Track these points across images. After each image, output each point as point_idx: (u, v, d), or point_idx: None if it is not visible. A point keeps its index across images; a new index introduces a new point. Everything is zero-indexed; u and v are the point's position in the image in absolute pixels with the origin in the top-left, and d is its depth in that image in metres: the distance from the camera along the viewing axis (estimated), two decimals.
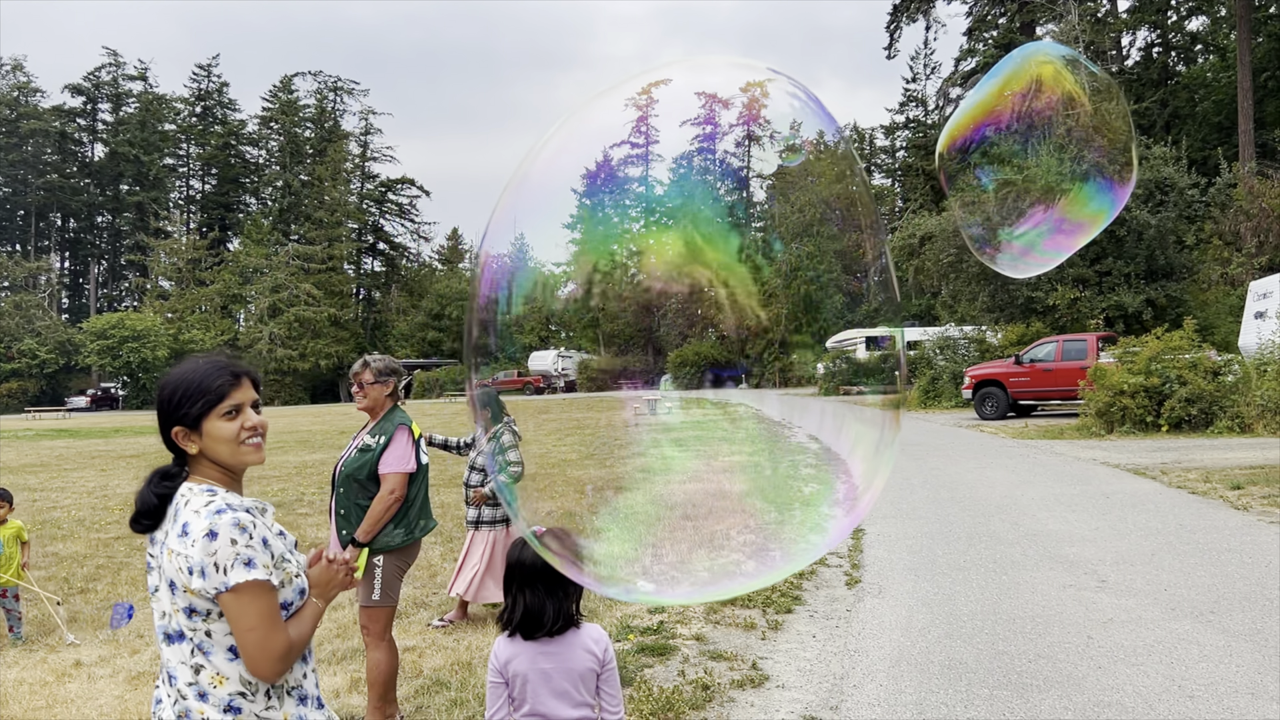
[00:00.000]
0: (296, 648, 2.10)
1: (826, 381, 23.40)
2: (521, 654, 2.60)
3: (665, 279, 3.37)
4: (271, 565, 2.08)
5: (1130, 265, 31.71)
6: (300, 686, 2.18)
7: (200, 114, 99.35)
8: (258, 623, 2.04)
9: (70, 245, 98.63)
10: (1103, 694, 4.83)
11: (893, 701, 4.88)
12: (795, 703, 4.91)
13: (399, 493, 4.72)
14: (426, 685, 5.37)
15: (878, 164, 78.17)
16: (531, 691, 2.58)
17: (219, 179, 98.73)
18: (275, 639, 2.05)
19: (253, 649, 2.04)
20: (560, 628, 2.60)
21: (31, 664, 6.26)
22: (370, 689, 4.71)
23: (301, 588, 2.18)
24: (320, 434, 29.84)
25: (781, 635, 6.15)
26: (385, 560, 4.71)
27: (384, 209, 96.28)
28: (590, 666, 2.61)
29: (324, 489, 15.13)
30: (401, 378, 5.17)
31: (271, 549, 2.10)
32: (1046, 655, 5.48)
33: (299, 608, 2.17)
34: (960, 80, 54.94)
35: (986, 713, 4.67)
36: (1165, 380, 19.54)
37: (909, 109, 74.29)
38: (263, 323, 79.12)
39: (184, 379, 2.18)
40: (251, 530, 2.07)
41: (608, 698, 2.65)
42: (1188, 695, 4.78)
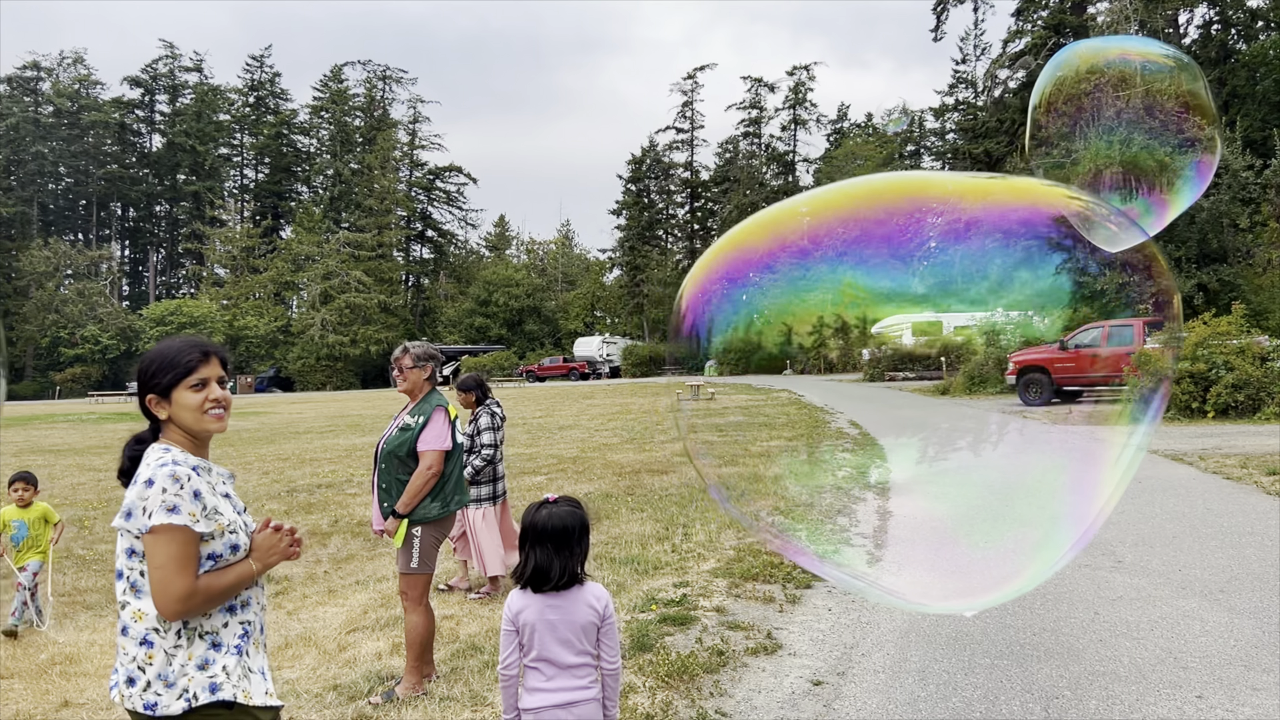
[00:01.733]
0: (201, 594, 2.34)
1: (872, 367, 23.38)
2: (531, 606, 2.93)
3: None
4: (199, 515, 2.36)
5: (1182, 249, 31.23)
6: (217, 634, 2.42)
7: (253, 104, 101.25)
8: (165, 563, 2.30)
9: (130, 234, 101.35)
10: (1099, 664, 5.06)
11: (897, 669, 5.16)
12: (804, 669, 5.22)
13: (436, 468, 5.10)
14: (462, 649, 5.75)
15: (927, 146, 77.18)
16: (539, 639, 2.91)
17: (271, 168, 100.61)
18: (179, 582, 2.30)
19: (156, 586, 2.32)
20: (565, 583, 2.92)
21: (103, 626, 6.79)
22: (408, 650, 5.10)
23: (234, 544, 2.44)
24: (370, 418, 30.59)
25: (798, 608, 6.45)
26: (423, 531, 5.09)
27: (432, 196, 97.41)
28: (591, 620, 2.93)
29: (372, 470, 15.67)
30: (439, 362, 5.56)
31: (203, 502, 2.38)
32: (1051, 629, 5.71)
33: (228, 563, 2.43)
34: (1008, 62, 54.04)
35: (985, 680, 4.93)
36: (1212, 366, 19.35)
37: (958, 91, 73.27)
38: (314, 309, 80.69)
39: (160, 354, 2.53)
40: (184, 482, 2.36)
41: (606, 648, 2.97)
42: (1181, 666, 4.99)
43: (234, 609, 2.47)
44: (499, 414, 7.44)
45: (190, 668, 2.36)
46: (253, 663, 2.48)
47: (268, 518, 2.63)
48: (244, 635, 2.47)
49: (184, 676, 2.34)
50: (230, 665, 2.40)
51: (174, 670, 2.35)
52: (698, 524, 9.51)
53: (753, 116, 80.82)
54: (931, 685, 4.90)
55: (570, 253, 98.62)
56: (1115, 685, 4.77)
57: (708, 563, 7.76)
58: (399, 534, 5.09)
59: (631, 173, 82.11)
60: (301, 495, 13.24)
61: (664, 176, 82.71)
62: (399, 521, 5.09)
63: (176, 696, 2.32)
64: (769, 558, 7.74)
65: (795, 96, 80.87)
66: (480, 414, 7.37)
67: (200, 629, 2.40)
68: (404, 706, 4.81)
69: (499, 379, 60.81)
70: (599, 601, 2.96)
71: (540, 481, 13.43)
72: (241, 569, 2.45)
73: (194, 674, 2.35)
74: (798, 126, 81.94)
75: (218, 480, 2.53)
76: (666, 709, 4.56)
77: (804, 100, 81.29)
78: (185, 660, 2.36)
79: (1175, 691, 4.65)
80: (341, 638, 6.18)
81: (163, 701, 2.32)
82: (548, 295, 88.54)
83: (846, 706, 4.66)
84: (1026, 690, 4.75)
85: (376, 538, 8.76)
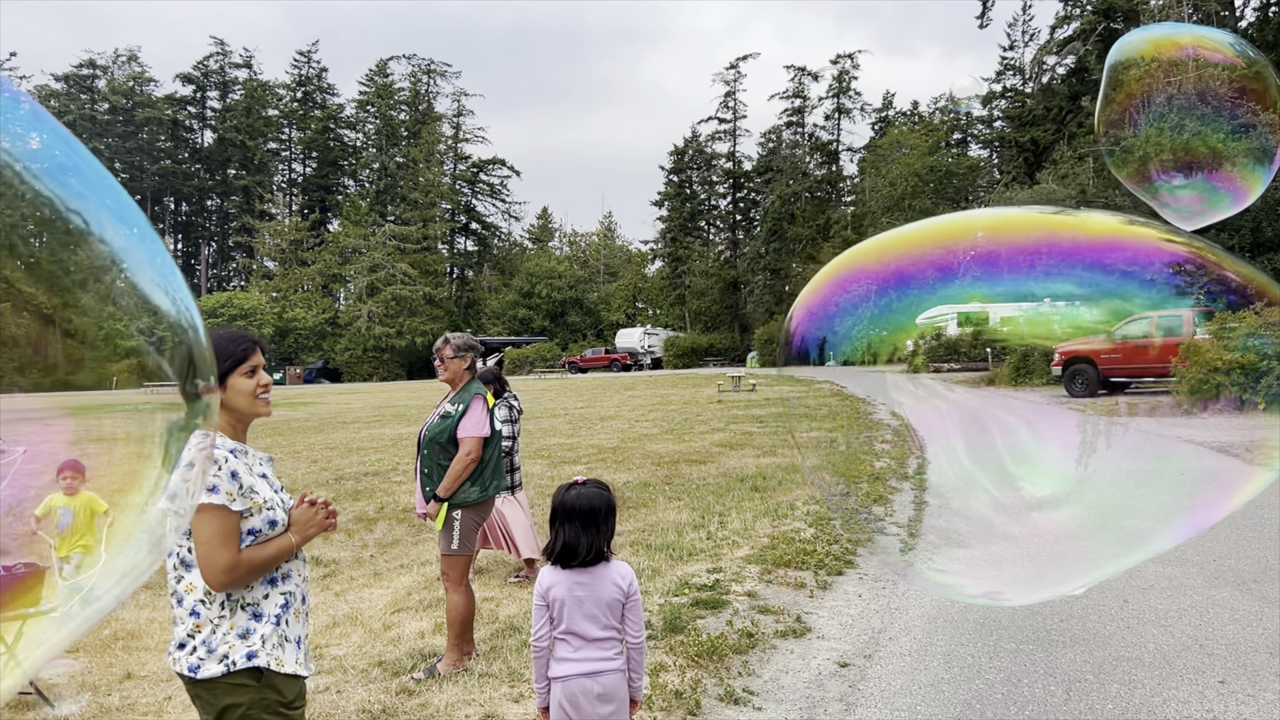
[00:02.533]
0: (244, 567, 2.54)
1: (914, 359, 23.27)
2: (560, 582, 3.11)
3: None
4: (235, 494, 2.57)
5: (1235, 237, 30.57)
6: (257, 605, 2.62)
7: (301, 99, 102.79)
8: (208, 539, 2.51)
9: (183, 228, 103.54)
10: (1124, 650, 5.13)
11: (923, 652, 5.27)
12: (832, 651, 5.35)
13: (475, 454, 5.31)
14: (501, 629, 5.97)
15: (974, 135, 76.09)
16: (567, 614, 3.09)
17: (319, 162, 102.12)
18: (222, 555, 2.51)
19: (202, 560, 2.53)
20: (591, 560, 3.09)
21: (161, 604, 7.12)
22: (449, 628, 5.32)
23: (271, 519, 2.64)
24: (415, 408, 31.10)
25: (829, 594, 6.57)
26: (462, 514, 5.30)
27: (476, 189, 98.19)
28: (616, 597, 3.10)
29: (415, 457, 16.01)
30: (479, 353, 5.77)
31: (240, 481, 2.59)
32: (1079, 616, 5.78)
33: (268, 537, 2.63)
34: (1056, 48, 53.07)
35: (1010, 664, 5.02)
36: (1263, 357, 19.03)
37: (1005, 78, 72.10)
38: (361, 301, 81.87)
39: (215, 342, 2.74)
40: (222, 464, 2.57)
41: (630, 624, 3.14)
42: (1207, 653, 5.04)
43: (275, 581, 2.67)
44: (516, 407, 7.64)
45: (232, 636, 2.56)
46: (290, 632, 2.67)
47: (304, 493, 2.83)
48: (284, 606, 2.67)
49: (225, 644, 2.55)
50: (268, 634, 2.60)
51: (217, 638, 2.56)
52: (733, 513, 9.65)
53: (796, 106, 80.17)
54: (955, 668, 5.00)
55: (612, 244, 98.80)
56: (1139, 670, 4.84)
57: (741, 549, 7.91)
58: (440, 517, 5.31)
59: (673, 163, 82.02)
60: (349, 483, 13.60)
61: (706, 167, 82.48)
62: (440, 505, 5.31)
63: (217, 661, 2.54)
64: (802, 545, 7.87)
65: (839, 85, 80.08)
66: (499, 407, 7.57)
67: (242, 600, 2.60)
68: (445, 682, 5.03)
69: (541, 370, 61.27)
70: (624, 579, 3.12)
71: (580, 470, 13.65)
72: (281, 542, 2.64)
73: (234, 642, 2.56)
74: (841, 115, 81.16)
75: (254, 462, 2.73)
76: (695, 686, 4.73)
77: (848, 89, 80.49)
78: (228, 630, 2.57)
79: (1198, 677, 4.71)
80: (386, 617, 6.43)
81: (205, 666, 2.54)
82: (590, 287, 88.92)
83: (871, 687, 4.79)
84: (1049, 674, 4.84)
85: (420, 523, 9.03)
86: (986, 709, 4.44)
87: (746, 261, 74.87)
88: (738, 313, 74.35)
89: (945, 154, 65.08)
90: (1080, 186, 33.13)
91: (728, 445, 16.15)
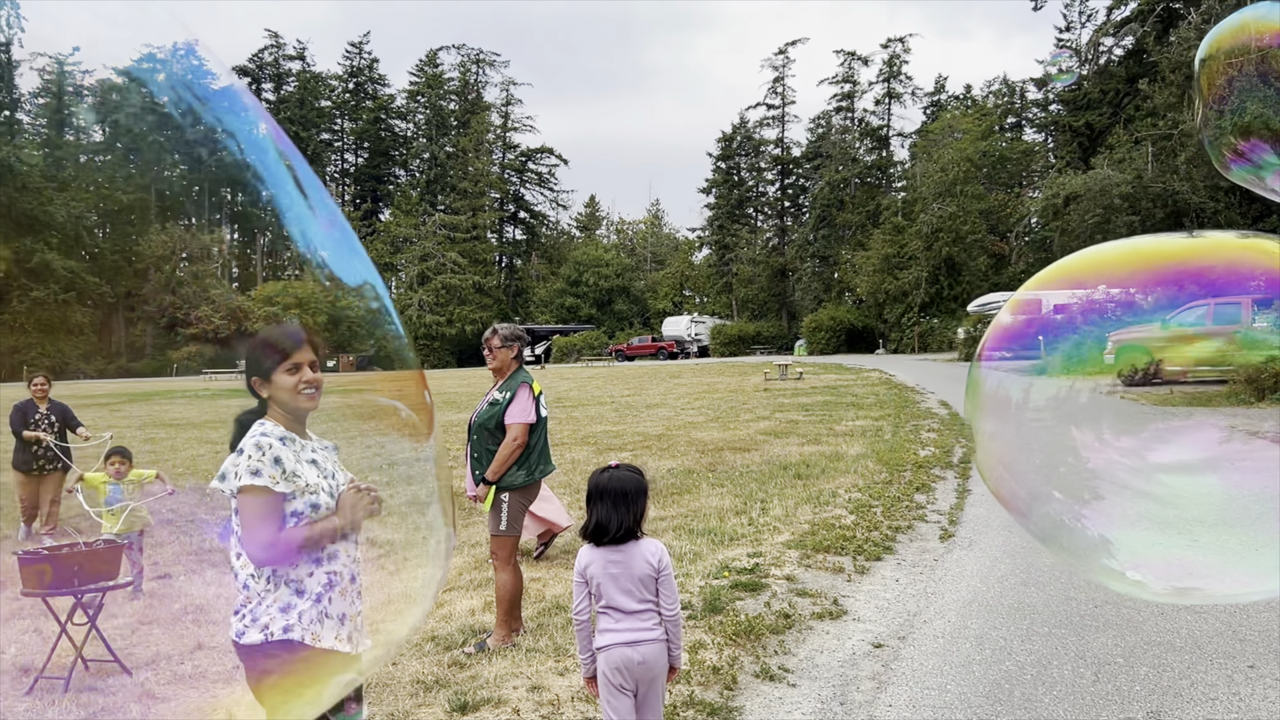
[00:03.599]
0: (281, 545, 2.74)
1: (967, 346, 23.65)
2: (596, 560, 3.34)
3: None
4: (278, 477, 2.78)
5: None
6: (300, 582, 2.81)
7: (353, 90, 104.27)
8: (250, 518, 2.74)
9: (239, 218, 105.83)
10: (1156, 635, 5.22)
11: (956, 635, 5.41)
12: (866, 633, 5.51)
13: (521, 440, 5.55)
14: (548, 608, 6.22)
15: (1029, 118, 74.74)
16: (605, 589, 3.31)
17: (370, 152, 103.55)
18: (260, 533, 2.72)
19: (244, 538, 2.76)
20: (622, 537, 3.31)
21: (227, 581, 7.49)
22: (498, 605, 5.58)
23: (314, 503, 2.83)
24: (465, 395, 31.61)
25: (867, 579, 6.72)
26: (510, 497, 5.55)
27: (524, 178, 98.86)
28: (648, 572, 3.31)
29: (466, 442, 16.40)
30: (525, 342, 6.01)
31: (283, 466, 2.79)
32: (1113, 602, 5.85)
33: (310, 520, 2.82)
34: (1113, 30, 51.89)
35: (1041, 647, 5.14)
36: None
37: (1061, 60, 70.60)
38: (412, 290, 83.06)
39: (261, 341, 2.98)
40: (266, 450, 2.79)
41: (664, 596, 3.35)
42: (1239, 639, 5.11)
43: (320, 561, 2.85)
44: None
45: (274, 609, 2.77)
46: (333, 609, 2.85)
47: (353, 479, 3.04)
48: (328, 585, 2.85)
49: (267, 615, 2.77)
50: (305, 609, 2.79)
51: (261, 609, 2.78)
52: (775, 499, 9.79)
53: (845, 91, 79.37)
54: (987, 650, 5.13)
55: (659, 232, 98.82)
56: (1169, 655, 4.93)
57: (782, 535, 8.07)
58: (488, 499, 5.56)
59: (721, 150, 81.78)
60: (401, 468, 13.99)
61: (754, 154, 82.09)
62: (489, 488, 5.56)
63: (259, 630, 2.77)
64: (842, 531, 8.00)
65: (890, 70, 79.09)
66: None
67: (286, 577, 2.80)
68: (494, 656, 5.29)
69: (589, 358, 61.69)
70: (654, 556, 3.34)
71: (625, 458, 13.88)
72: (324, 525, 2.83)
73: (275, 615, 2.77)
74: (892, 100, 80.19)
75: (305, 449, 2.94)
76: (732, 663, 4.92)
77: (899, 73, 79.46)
78: (271, 603, 2.78)
79: (1228, 661, 4.79)
80: (438, 595, 6.72)
81: (248, 634, 2.78)
82: (637, 275, 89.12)
83: (903, 666, 4.94)
84: (1080, 657, 4.95)
85: (470, 505, 9.32)
86: (1015, 689, 4.58)
87: (794, 249, 74.45)
88: (785, 300, 74.01)
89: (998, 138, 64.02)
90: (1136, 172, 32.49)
91: (772, 433, 16.26)
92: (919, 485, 10.48)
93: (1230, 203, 30.84)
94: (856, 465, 12.02)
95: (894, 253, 56.87)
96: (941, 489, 10.42)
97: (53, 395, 9.37)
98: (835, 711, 4.42)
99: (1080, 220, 33.05)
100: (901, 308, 55.94)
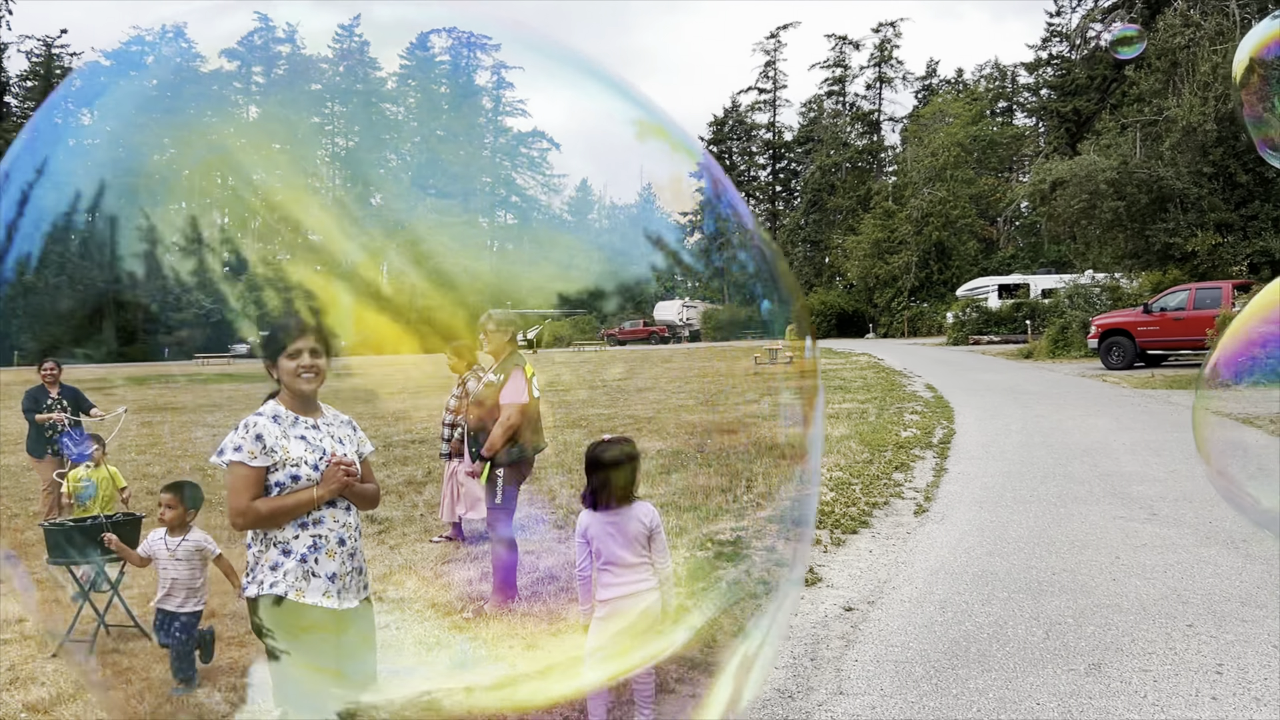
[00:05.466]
0: (253, 513, 3.14)
1: (955, 330, 24.14)
2: (595, 522, 3.73)
3: None
4: (257, 452, 3.18)
5: None
6: (287, 543, 3.19)
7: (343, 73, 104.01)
8: (230, 489, 3.17)
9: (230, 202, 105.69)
10: (1106, 599, 5.62)
11: (921, 599, 5.80)
12: (839, 598, 5.90)
13: (514, 419, 5.90)
14: (541, 577, 6.58)
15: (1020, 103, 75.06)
16: (605, 547, 3.70)
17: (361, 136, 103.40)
18: (237, 501, 3.14)
19: (228, 506, 3.20)
20: (617, 502, 3.69)
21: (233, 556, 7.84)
22: (494, 574, 5.95)
23: (293, 474, 3.20)
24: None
25: (842, 550, 7.11)
26: (504, 472, 5.91)
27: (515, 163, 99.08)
28: (641, 531, 3.70)
29: None
30: (518, 328, 6.37)
31: (264, 443, 3.20)
32: (1070, 570, 6.26)
33: (291, 490, 3.20)
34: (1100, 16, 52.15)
35: (1000, 610, 5.53)
36: None
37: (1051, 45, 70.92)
38: None
39: (271, 329, 3.44)
40: (251, 427, 3.21)
41: (658, 553, 3.74)
42: (1182, 601, 5.51)
43: (306, 525, 3.22)
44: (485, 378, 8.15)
45: (265, 568, 3.18)
46: (320, 568, 3.20)
47: (333, 453, 3.37)
48: (313, 546, 3.21)
49: (262, 572, 3.18)
50: (291, 568, 3.16)
51: (259, 568, 3.20)
52: (760, 478, 10.18)
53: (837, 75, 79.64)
54: (949, 613, 5.52)
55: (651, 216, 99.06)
56: (1115, 616, 5.33)
57: (765, 511, 8.45)
58: (483, 474, 5.92)
59: (713, 134, 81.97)
60: (397, 450, 14.35)
61: (745, 138, 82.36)
62: (484, 464, 5.92)
63: (256, 585, 3.19)
64: (822, 507, 8.39)
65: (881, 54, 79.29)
66: (468, 378, 8.10)
67: (274, 539, 3.20)
68: (491, 620, 5.66)
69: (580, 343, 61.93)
70: (646, 517, 3.73)
71: None
72: (301, 495, 3.21)
73: (266, 572, 3.17)
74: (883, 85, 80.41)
75: (297, 426, 3.31)
76: (712, 624, 5.30)
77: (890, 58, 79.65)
78: (264, 562, 3.19)
79: (1168, 621, 5.19)
80: (437, 567, 7.09)
81: (249, 588, 3.22)
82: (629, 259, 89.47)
83: (870, 627, 5.33)
84: (1033, 619, 5.35)
85: None
86: (972, 646, 4.97)
87: (786, 233, 74.80)
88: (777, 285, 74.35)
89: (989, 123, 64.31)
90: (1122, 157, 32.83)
91: (761, 415, 16.65)
92: (899, 465, 10.88)
93: (1214, 189, 31.21)
94: (840, 446, 12.43)
95: (884, 237, 57.25)
96: (920, 468, 10.82)
97: None
98: (806, 666, 4.82)
99: (1066, 205, 33.37)
100: (891, 292, 56.36)
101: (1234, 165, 30.70)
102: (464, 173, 6.00)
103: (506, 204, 6.61)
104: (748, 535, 7.47)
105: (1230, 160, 30.74)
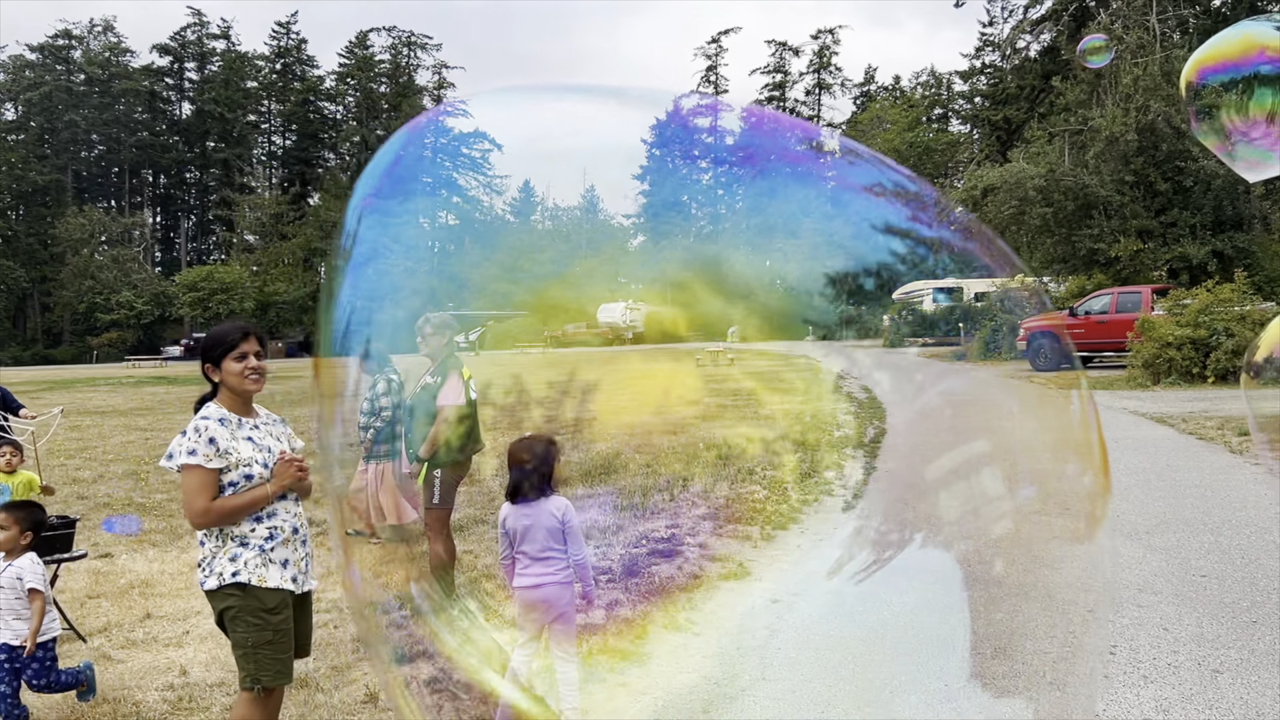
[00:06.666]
0: (214, 512, 3.34)
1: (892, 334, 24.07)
2: (512, 514, 3.92)
3: None
4: (211, 455, 3.36)
5: (1196, 216, 31.48)
6: (244, 537, 3.42)
7: (280, 71, 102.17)
8: (186, 490, 3.37)
9: (162, 201, 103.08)
10: (1017, 588, 5.96)
11: (843, 591, 6.06)
12: (766, 591, 6.16)
13: (451, 420, 6.04)
14: (477, 576, 6.74)
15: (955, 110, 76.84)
16: (519, 539, 3.88)
17: (299, 135, 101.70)
18: (196, 502, 3.34)
19: (185, 506, 3.42)
20: (533, 496, 3.87)
21: (168, 559, 7.83)
22: (432, 573, 6.07)
23: (247, 474, 3.41)
24: None
25: (771, 545, 7.38)
26: (442, 473, 6.04)
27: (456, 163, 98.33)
28: (554, 524, 3.90)
29: None
30: (455, 330, 6.50)
31: (216, 445, 3.37)
32: (987, 562, 6.58)
33: (244, 488, 3.40)
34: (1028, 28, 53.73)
35: (915, 600, 5.81)
36: (1213, 333, 19.78)
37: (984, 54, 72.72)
38: None
39: (214, 333, 3.60)
40: (202, 430, 3.38)
41: (571, 543, 3.93)
42: (1085, 589, 5.85)
43: (261, 519, 3.44)
44: (395, 380, 8.30)
45: (224, 560, 3.39)
46: (275, 556, 3.44)
47: (283, 451, 3.58)
48: (269, 538, 3.45)
49: (220, 565, 3.39)
50: (250, 558, 3.39)
51: (216, 561, 3.40)
52: (698, 478, 10.43)
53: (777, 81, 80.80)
54: (869, 603, 5.79)
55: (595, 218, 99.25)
56: (1023, 603, 5.67)
57: (699, 509, 8.69)
58: (420, 475, 6.04)
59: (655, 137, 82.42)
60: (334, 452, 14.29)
61: None
62: (422, 465, 6.04)
63: (215, 578, 3.42)
64: (754, 505, 8.66)
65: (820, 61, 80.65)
66: (378, 381, 8.22)
67: (231, 534, 3.41)
68: (428, 617, 5.79)
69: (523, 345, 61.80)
70: (559, 510, 3.92)
71: None
72: (256, 492, 3.42)
73: (226, 564, 3.38)
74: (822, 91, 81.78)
75: (242, 427, 3.50)
76: (644, 616, 5.51)
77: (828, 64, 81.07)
78: (222, 555, 3.40)
79: (1070, 608, 5.54)
80: (376, 568, 7.18)
81: (207, 581, 3.43)
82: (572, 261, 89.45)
83: (794, 617, 5.59)
84: (947, 607, 5.64)
85: None
86: (887, 633, 5.26)
87: None
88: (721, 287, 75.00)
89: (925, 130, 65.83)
90: (1049, 165, 33.92)
91: (701, 417, 16.92)
92: (830, 464, 11.21)
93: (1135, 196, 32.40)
94: (774, 445, 12.74)
95: None
96: (851, 466, 11.16)
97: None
98: (731, 655, 5.06)
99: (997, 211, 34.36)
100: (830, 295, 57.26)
101: (1154, 174, 31.88)
102: None
103: None
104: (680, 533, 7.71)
105: (1150, 169, 31.91)
